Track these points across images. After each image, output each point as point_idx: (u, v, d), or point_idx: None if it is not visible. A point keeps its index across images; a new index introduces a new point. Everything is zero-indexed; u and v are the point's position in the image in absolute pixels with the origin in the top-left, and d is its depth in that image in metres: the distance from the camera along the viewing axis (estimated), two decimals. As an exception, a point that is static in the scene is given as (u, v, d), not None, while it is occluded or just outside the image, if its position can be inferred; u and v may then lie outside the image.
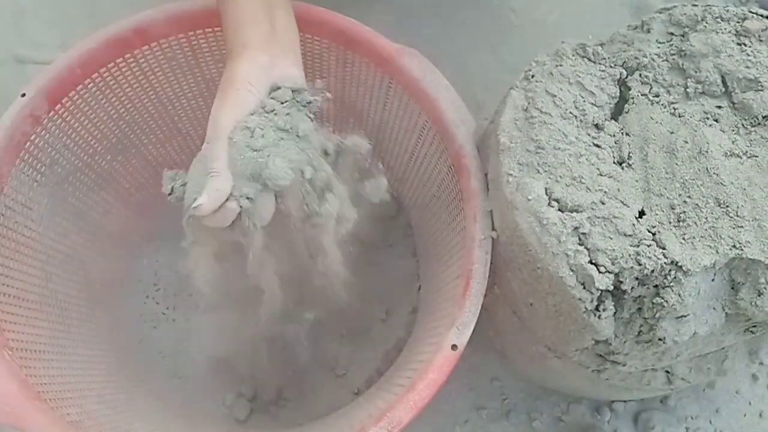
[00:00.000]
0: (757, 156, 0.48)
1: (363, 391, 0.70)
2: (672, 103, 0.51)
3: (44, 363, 0.53)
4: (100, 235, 0.68)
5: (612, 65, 0.54)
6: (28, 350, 0.51)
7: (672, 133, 0.49)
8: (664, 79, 0.52)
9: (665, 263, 0.43)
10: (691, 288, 0.44)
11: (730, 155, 0.48)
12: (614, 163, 0.49)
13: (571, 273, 0.45)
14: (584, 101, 0.51)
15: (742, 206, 0.45)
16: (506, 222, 0.50)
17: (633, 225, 0.45)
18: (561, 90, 0.51)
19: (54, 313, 0.58)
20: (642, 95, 0.52)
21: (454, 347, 0.48)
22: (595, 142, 0.50)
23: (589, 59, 0.54)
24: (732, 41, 0.52)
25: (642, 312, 0.46)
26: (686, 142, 0.48)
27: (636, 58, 0.53)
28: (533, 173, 0.48)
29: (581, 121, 0.51)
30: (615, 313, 0.46)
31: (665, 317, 0.44)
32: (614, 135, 0.51)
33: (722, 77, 0.51)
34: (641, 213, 0.47)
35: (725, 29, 0.53)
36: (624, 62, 0.54)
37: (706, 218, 0.45)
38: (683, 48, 0.52)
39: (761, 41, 0.52)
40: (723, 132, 0.49)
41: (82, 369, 0.58)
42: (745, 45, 0.52)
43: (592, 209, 0.46)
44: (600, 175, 0.48)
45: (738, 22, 0.53)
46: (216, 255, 0.51)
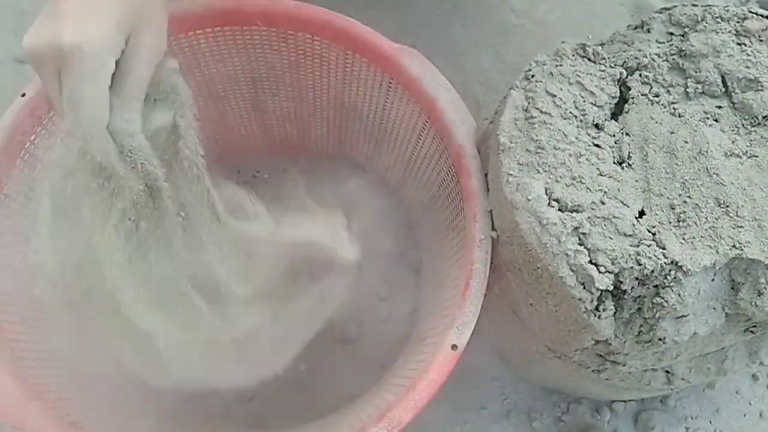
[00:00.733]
0: (758, 156, 0.48)
1: (363, 392, 0.70)
2: (672, 103, 0.51)
3: (44, 363, 0.52)
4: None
5: (612, 65, 0.54)
6: (28, 350, 0.51)
7: (672, 133, 0.49)
8: (664, 79, 0.52)
9: (665, 263, 0.43)
10: (691, 288, 0.44)
11: (730, 155, 0.48)
12: (614, 163, 0.49)
13: (571, 273, 0.45)
14: (584, 101, 0.51)
15: (742, 206, 0.45)
16: (506, 222, 0.50)
17: (633, 225, 0.45)
18: (561, 90, 0.51)
19: (54, 313, 0.58)
20: (642, 95, 0.52)
21: (454, 347, 0.48)
22: (595, 142, 0.50)
23: (589, 59, 0.54)
24: (732, 41, 0.52)
25: (642, 312, 0.46)
26: (686, 142, 0.48)
27: (636, 58, 0.53)
28: (533, 173, 0.48)
29: (581, 121, 0.51)
30: (615, 313, 0.46)
31: (665, 317, 0.44)
32: (614, 135, 0.51)
33: (722, 77, 0.51)
34: (641, 213, 0.47)
35: (725, 29, 0.53)
36: (624, 62, 0.54)
37: (706, 218, 0.45)
38: (683, 48, 0.52)
39: (761, 41, 0.52)
40: (723, 132, 0.49)
41: (82, 369, 0.58)
42: (745, 45, 0.52)
43: (592, 209, 0.46)
44: (600, 175, 0.48)
45: (738, 22, 0.53)
46: None
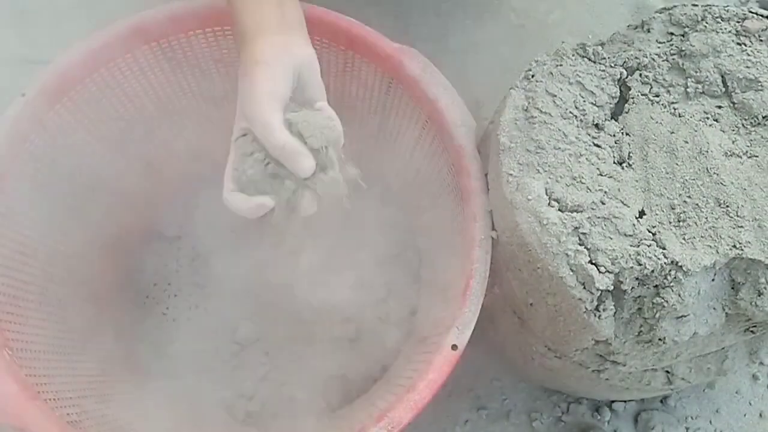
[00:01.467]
0: (758, 156, 0.48)
1: (363, 392, 0.70)
2: (672, 103, 0.51)
3: (44, 363, 0.52)
4: (100, 235, 0.68)
5: (612, 65, 0.54)
6: (28, 350, 0.51)
7: (672, 133, 0.49)
8: (665, 79, 0.52)
9: (665, 263, 0.43)
10: (691, 288, 0.44)
11: (730, 155, 0.48)
12: (614, 163, 0.49)
13: (571, 273, 0.45)
14: (584, 101, 0.51)
15: (742, 206, 0.45)
16: (506, 222, 0.50)
17: (633, 225, 0.45)
18: (561, 90, 0.51)
19: (54, 313, 0.58)
20: (642, 95, 0.52)
21: (454, 347, 0.48)
22: (595, 142, 0.50)
23: (589, 59, 0.54)
24: (732, 41, 0.52)
25: (642, 312, 0.46)
26: (686, 142, 0.48)
27: (636, 58, 0.53)
28: (533, 173, 0.48)
29: (581, 121, 0.51)
30: (615, 313, 0.46)
31: (665, 317, 0.44)
32: (614, 135, 0.51)
33: (722, 77, 0.51)
34: (641, 213, 0.47)
35: (725, 29, 0.53)
36: (624, 62, 0.54)
37: (706, 218, 0.45)
38: (683, 48, 0.52)
39: (761, 41, 0.52)
40: (723, 132, 0.49)
41: (82, 369, 0.58)
42: (745, 45, 0.52)
43: (592, 209, 0.46)
44: (600, 175, 0.48)
45: (738, 22, 0.53)
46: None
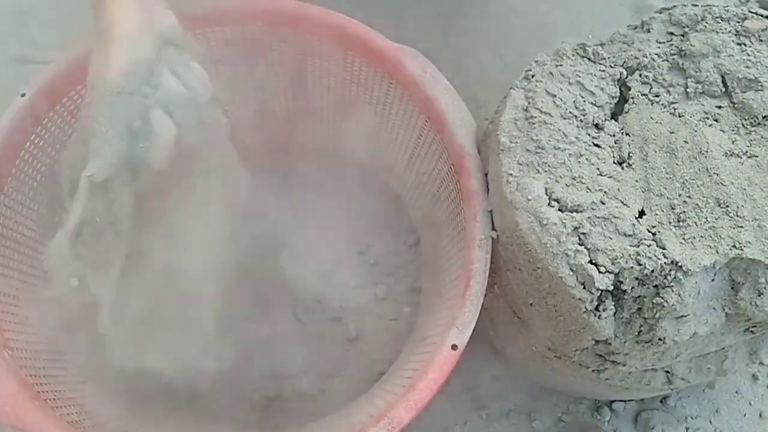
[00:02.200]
0: (757, 156, 0.48)
1: (363, 392, 0.70)
2: (672, 103, 0.51)
3: (44, 363, 0.52)
4: (100, 235, 0.68)
5: (612, 65, 0.54)
6: (28, 350, 0.51)
7: (672, 133, 0.49)
8: (664, 79, 0.52)
9: (665, 263, 0.43)
10: (691, 288, 0.44)
11: (730, 155, 0.48)
12: (614, 163, 0.49)
13: (571, 273, 0.45)
14: (584, 101, 0.51)
15: (742, 206, 0.45)
16: (506, 222, 0.50)
17: (633, 225, 0.45)
18: (561, 90, 0.51)
19: (54, 313, 0.58)
20: (642, 95, 0.52)
21: (454, 347, 0.48)
22: (595, 142, 0.50)
23: (589, 59, 0.54)
24: (732, 41, 0.52)
25: (642, 312, 0.46)
26: (686, 142, 0.48)
27: (636, 58, 0.53)
28: (533, 173, 0.48)
29: (581, 121, 0.51)
30: (615, 313, 0.46)
31: (665, 317, 0.44)
32: (614, 135, 0.51)
33: (722, 77, 0.51)
34: (641, 213, 0.47)
35: (725, 29, 0.53)
36: (624, 62, 0.54)
37: (706, 218, 0.45)
38: (683, 48, 0.52)
39: (761, 41, 0.52)
40: (723, 132, 0.49)
41: (82, 369, 0.58)
42: (745, 45, 0.52)
43: (592, 209, 0.46)
44: (600, 175, 0.48)
45: (738, 22, 0.53)
46: None
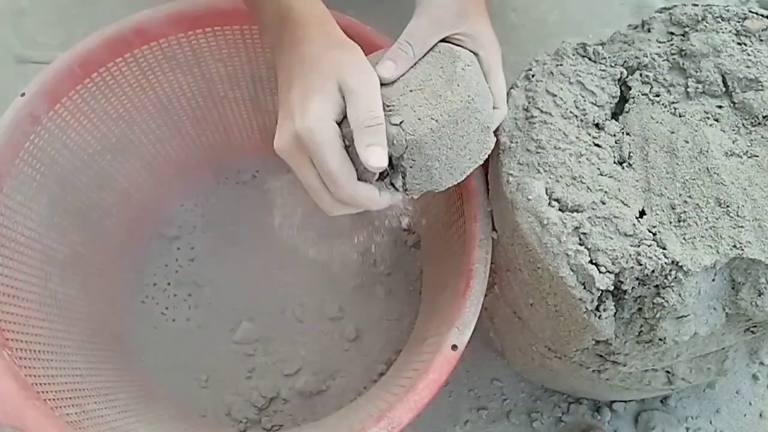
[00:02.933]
0: (758, 156, 0.47)
1: (363, 392, 0.70)
2: (672, 103, 0.51)
3: (44, 363, 0.52)
4: (100, 235, 0.68)
5: (612, 65, 0.54)
6: (28, 350, 0.51)
7: (672, 133, 0.49)
8: (665, 79, 0.52)
9: (666, 263, 0.43)
10: (692, 288, 0.44)
11: (731, 155, 0.48)
12: (615, 163, 0.49)
13: (572, 273, 0.45)
14: (585, 101, 0.51)
15: (743, 206, 0.45)
16: (506, 222, 0.50)
17: (633, 225, 0.45)
18: (561, 89, 0.51)
19: (54, 313, 0.58)
20: (642, 95, 0.52)
21: (454, 347, 0.48)
22: (596, 142, 0.50)
23: (590, 59, 0.54)
24: (732, 41, 0.52)
25: (642, 312, 0.46)
26: (687, 142, 0.48)
27: (636, 58, 0.53)
28: (533, 173, 0.48)
29: (582, 121, 0.51)
30: (615, 313, 0.46)
31: (666, 317, 0.44)
32: (615, 135, 0.51)
33: (723, 77, 0.51)
34: (642, 213, 0.47)
35: (725, 29, 0.53)
36: (624, 62, 0.54)
37: (707, 218, 0.45)
38: (684, 48, 0.52)
39: (761, 41, 0.52)
40: (723, 132, 0.49)
41: (82, 369, 0.58)
42: (746, 45, 0.52)
43: (593, 209, 0.46)
44: (600, 175, 0.48)
45: (738, 22, 0.53)
46: None
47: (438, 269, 0.66)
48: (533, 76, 0.53)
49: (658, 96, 0.52)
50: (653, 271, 0.43)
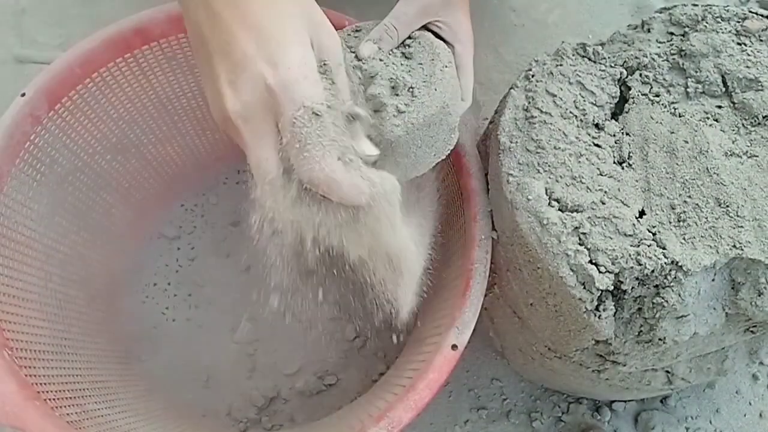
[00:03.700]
0: (758, 156, 0.47)
1: (363, 392, 0.70)
2: (672, 103, 0.51)
3: (44, 363, 0.52)
4: (100, 235, 0.68)
5: (612, 65, 0.54)
6: (28, 350, 0.51)
7: (672, 133, 0.49)
8: (665, 79, 0.52)
9: (665, 263, 0.43)
10: (692, 288, 0.44)
11: (731, 155, 0.48)
12: (614, 163, 0.49)
13: (572, 273, 0.45)
14: (584, 101, 0.51)
15: (743, 206, 0.45)
16: (506, 222, 0.50)
17: (633, 225, 0.45)
18: (561, 90, 0.51)
19: (54, 313, 0.58)
20: (642, 95, 0.52)
21: (454, 347, 0.48)
22: (596, 142, 0.50)
23: (590, 59, 0.54)
24: (732, 41, 0.52)
25: (642, 312, 0.46)
26: (686, 142, 0.48)
27: (636, 58, 0.53)
28: (533, 173, 0.48)
29: (581, 121, 0.51)
30: (615, 313, 0.46)
31: (665, 317, 0.44)
32: (614, 135, 0.51)
33: (722, 77, 0.51)
34: (641, 213, 0.47)
35: (725, 29, 0.53)
36: (624, 62, 0.54)
37: (707, 218, 0.45)
38: (683, 48, 0.52)
39: (761, 41, 0.52)
40: (723, 132, 0.49)
41: (82, 369, 0.58)
42: (746, 45, 0.52)
43: (593, 209, 0.46)
44: (600, 175, 0.48)
45: (738, 22, 0.53)
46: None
47: (438, 269, 0.66)
48: (533, 76, 0.53)
49: (658, 96, 0.52)
50: (653, 271, 0.43)
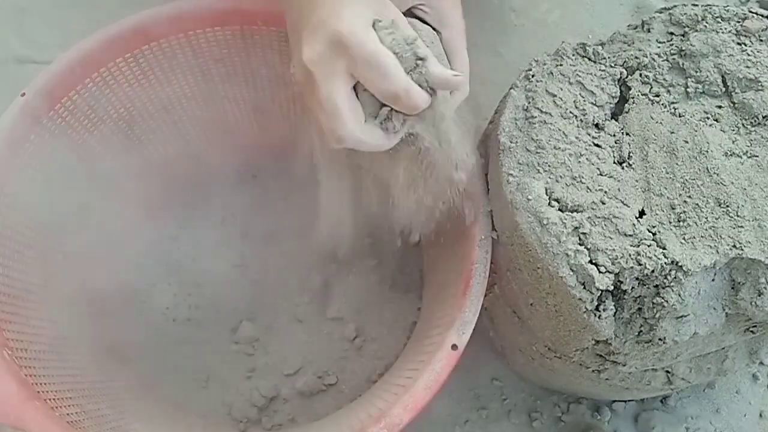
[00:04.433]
0: (758, 156, 0.48)
1: (363, 392, 0.70)
2: (672, 103, 0.51)
3: (44, 363, 0.52)
4: (100, 235, 0.68)
5: (612, 65, 0.54)
6: (28, 350, 0.51)
7: (672, 133, 0.49)
8: (665, 79, 0.52)
9: (665, 263, 0.43)
10: (692, 288, 0.44)
11: (731, 155, 0.48)
12: (614, 163, 0.49)
13: (572, 273, 0.45)
14: (584, 101, 0.51)
15: (743, 206, 0.45)
16: (506, 222, 0.50)
17: (633, 225, 0.45)
18: (561, 90, 0.51)
19: (54, 313, 0.58)
20: (642, 95, 0.52)
21: (454, 347, 0.48)
22: (596, 142, 0.50)
23: (590, 59, 0.54)
24: (732, 41, 0.52)
25: (642, 312, 0.46)
26: (686, 142, 0.48)
27: (636, 58, 0.53)
28: (533, 173, 0.48)
29: (581, 121, 0.51)
30: (615, 313, 0.46)
31: (665, 317, 0.44)
32: (614, 135, 0.51)
33: (722, 77, 0.51)
34: (641, 213, 0.47)
35: (725, 29, 0.53)
36: (624, 62, 0.54)
37: (707, 218, 0.45)
38: (683, 48, 0.52)
39: (761, 41, 0.52)
40: (723, 132, 0.49)
41: (82, 369, 0.58)
42: (745, 45, 0.52)
43: (593, 209, 0.46)
44: (600, 175, 0.48)
45: (738, 22, 0.53)
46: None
47: (438, 269, 0.66)
48: (533, 76, 0.53)
49: (658, 96, 0.52)
50: (653, 271, 0.43)
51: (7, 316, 0.51)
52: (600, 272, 0.44)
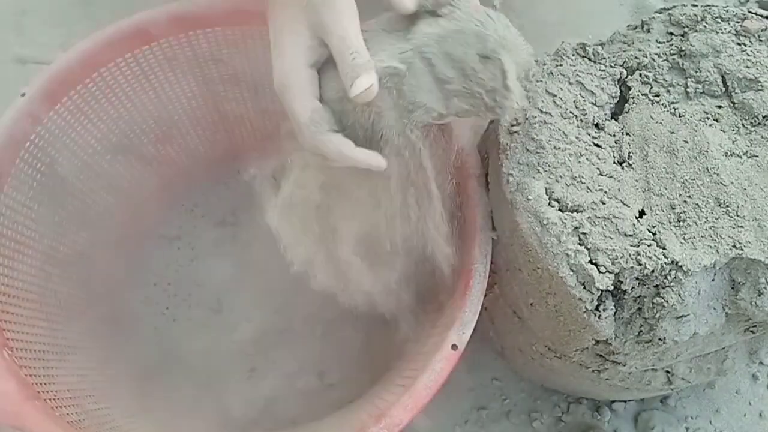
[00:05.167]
0: (758, 156, 0.48)
1: (363, 392, 0.70)
2: (672, 103, 0.51)
3: (44, 363, 0.52)
4: (100, 235, 0.68)
5: (612, 65, 0.54)
6: (28, 350, 0.51)
7: (672, 133, 0.49)
8: (665, 79, 0.52)
9: (665, 263, 0.43)
10: (692, 288, 0.44)
11: (731, 155, 0.48)
12: (614, 163, 0.49)
13: (572, 273, 0.45)
14: (584, 101, 0.51)
15: (743, 206, 0.45)
16: (506, 222, 0.50)
17: (633, 225, 0.45)
18: (561, 90, 0.51)
19: (54, 313, 0.58)
20: (642, 95, 0.52)
21: (454, 347, 0.48)
22: (596, 142, 0.50)
23: (590, 59, 0.54)
24: (732, 41, 0.52)
25: (642, 312, 0.46)
26: (686, 142, 0.48)
27: (636, 58, 0.53)
28: (533, 173, 0.48)
29: (581, 121, 0.51)
30: (615, 313, 0.46)
31: (665, 317, 0.44)
32: (614, 135, 0.51)
33: (722, 77, 0.51)
34: (641, 213, 0.47)
35: (725, 29, 0.53)
36: (624, 62, 0.54)
37: (707, 218, 0.45)
38: (683, 48, 0.52)
39: (761, 41, 0.52)
40: (723, 132, 0.49)
41: (82, 369, 0.58)
42: (745, 45, 0.52)
43: (593, 209, 0.46)
44: (600, 175, 0.48)
45: (738, 22, 0.53)
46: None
47: (438, 269, 0.66)
48: (533, 76, 0.53)
49: (658, 96, 0.52)
50: (653, 271, 0.43)
51: (8, 317, 0.51)
52: (600, 272, 0.44)
